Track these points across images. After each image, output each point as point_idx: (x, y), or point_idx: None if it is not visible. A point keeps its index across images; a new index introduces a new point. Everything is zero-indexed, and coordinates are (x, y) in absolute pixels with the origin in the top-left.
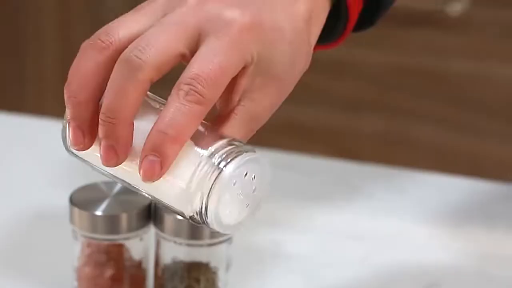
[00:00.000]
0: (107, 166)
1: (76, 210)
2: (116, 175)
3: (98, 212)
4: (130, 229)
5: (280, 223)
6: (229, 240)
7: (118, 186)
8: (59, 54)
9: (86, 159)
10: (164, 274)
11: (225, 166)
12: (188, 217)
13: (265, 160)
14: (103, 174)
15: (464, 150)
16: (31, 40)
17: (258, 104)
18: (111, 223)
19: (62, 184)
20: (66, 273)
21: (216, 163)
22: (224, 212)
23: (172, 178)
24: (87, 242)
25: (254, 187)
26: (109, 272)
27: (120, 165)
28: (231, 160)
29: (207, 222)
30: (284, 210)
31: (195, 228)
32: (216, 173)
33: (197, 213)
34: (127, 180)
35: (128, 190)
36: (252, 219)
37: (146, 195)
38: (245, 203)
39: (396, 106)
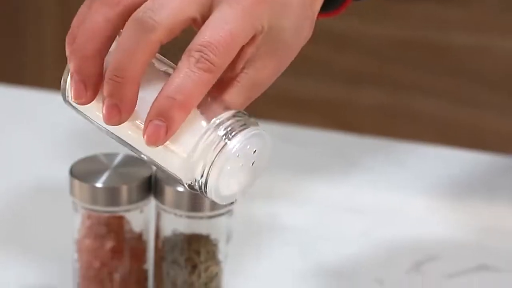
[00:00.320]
0: (109, 124)
1: (76, 182)
2: (115, 133)
3: (99, 184)
4: (131, 201)
5: (278, 196)
6: (229, 212)
7: (118, 158)
8: (59, 27)
9: (84, 112)
10: (164, 246)
11: (230, 139)
12: (186, 184)
13: (267, 135)
14: (100, 130)
15: (465, 123)
16: (31, 12)
17: (261, 72)
18: (111, 195)
19: (62, 156)
20: (66, 245)
21: (221, 135)
22: (223, 183)
23: (175, 145)
24: (88, 214)
25: (253, 160)
26: (109, 244)
27: (122, 126)
28: (236, 133)
29: (205, 192)
30: (283, 183)
31: (195, 200)
32: (221, 145)
33: (196, 181)
34: (128, 141)
35: (128, 162)
36: (251, 192)
37: (146, 158)
38: (243, 175)
39: (396, 79)
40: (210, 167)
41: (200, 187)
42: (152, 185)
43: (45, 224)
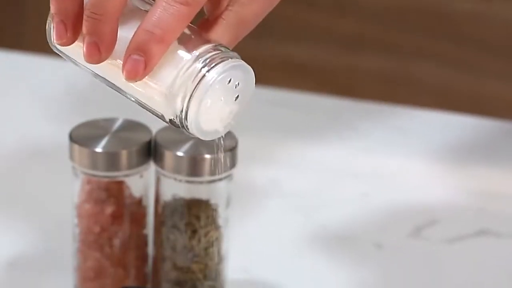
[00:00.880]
0: (89, 63)
1: (76, 147)
2: (99, 73)
3: (98, 149)
4: (130, 166)
5: (278, 161)
6: (229, 177)
7: (118, 123)
8: None
9: (69, 55)
10: (164, 211)
11: (208, 70)
12: (168, 120)
13: (249, 68)
14: (86, 71)
15: (465, 89)
16: None
17: (247, 9)
18: (111, 160)
19: (62, 121)
20: (66, 211)
21: (200, 67)
22: (204, 118)
23: (155, 80)
24: (87, 179)
25: (236, 95)
26: (109, 209)
27: (104, 64)
28: (215, 64)
29: (186, 126)
30: (283, 148)
31: (195, 165)
32: (199, 76)
33: (177, 116)
34: (110, 80)
35: (128, 127)
36: (251, 157)
37: (128, 97)
38: (225, 111)
39: (396, 44)
40: (189, 99)
41: (181, 122)
42: (152, 150)
43: (45, 190)
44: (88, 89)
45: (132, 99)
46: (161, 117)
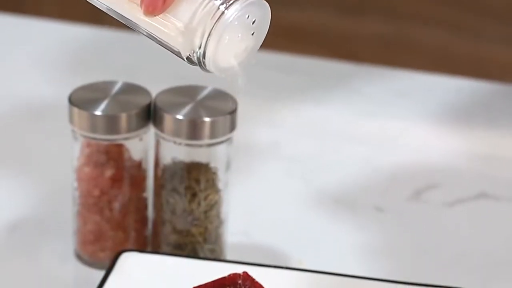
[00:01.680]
0: None
1: (75, 110)
2: (115, 9)
3: (98, 112)
4: (130, 129)
5: (280, 125)
6: (229, 140)
7: (118, 86)
8: None
9: None
10: (164, 175)
11: (227, 7)
12: (184, 57)
13: (266, 4)
14: (101, 7)
15: (465, 52)
16: None
17: None
18: (110, 123)
19: (61, 84)
20: (66, 174)
21: (218, 4)
22: (222, 54)
23: (173, 16)
24: (87, 142)
25: (253, 31)
26: (109, 172)
27: (121, 0)
28: (233, 1)
29: (203, 63)
30: (284, 112)
31: (195, 128)
32: (218, 13)
33: (194, 52)
34: (126, 15)
35: (127, 90)
36: (252, 120)
37: (144, 33)
38: (241, 47)
39: (397, 7)
40: (208, 36)
41: (198, 59)
42: (152, 113)
43: (45, 153)
44: (88, 52)
45: (147, 35)
46: (178, 54)
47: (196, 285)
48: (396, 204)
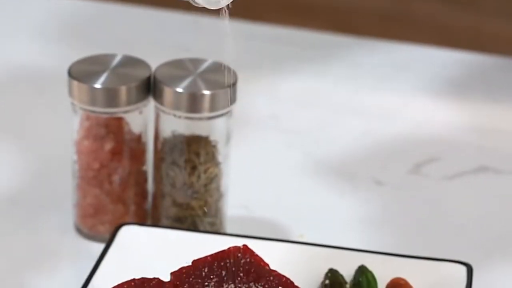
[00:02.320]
0: None
1: (75, 83)
2: None
3: (97, 85)
4: (130, 102)
5: (280, 97)
6: (228, 113)
7: (117, 59)
8: None
9: None
10: (164, 148)
11: None
12: None
13: None
14: None
15: (465, 25)
16: None
17: None
18: (110, 96)
19: (61, 57)
20: (65, 147)
21: None
22: None
23: None
24: (86, 116)
25: None
26: (108, 146)
27: None
28: None
29: None
30: (284, 85)
31: (195, 101)
32: None
33: None
34: None
35: (127, 63)
36: (253, 93)
37: None
38: None
39: None
40: None
41: None
42: (151, 86)
43: (44, 126)
44: (88, 25)
45: None
46: None
47: (196, 258)
48: (396, 177)
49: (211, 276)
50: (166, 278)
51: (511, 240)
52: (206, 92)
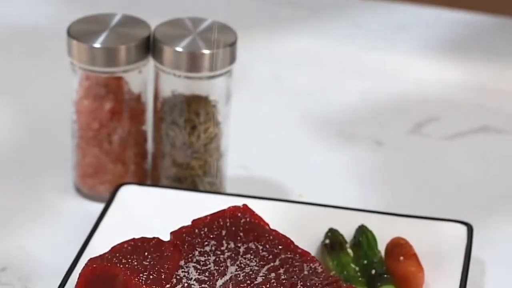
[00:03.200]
0: None
1: (74, 42)
2: None
3: (97, 44)
4: (129, 62)
5: (280, 58)
6: (228, 73)
7: (117, 18)
8: None
9: None
10: (164, 108)
11: None
12: None
13: None
14: None
15: None
16: None
17: None
18: (109, 55)
19: (60, 17)
20: (65, 107)
21: None
22: None
23: None
24: (86, 75)
25: None
26: (108, 105)
27: None
28: None
29: None
30: (284, 46)
31: (194, 60)
32: None
33: None
34: None
35: (126, 22)
36: (253, 54)
37: None
38: None
39: None
40: None
41: None
42: (151, 45)
43: (43, 86)
44: None
45: None
46: None
47: (195, 218)
48: (396, 137)
49: (211, 236)
50: (165, 237)
51: (511, 200)
52: (206, 52)
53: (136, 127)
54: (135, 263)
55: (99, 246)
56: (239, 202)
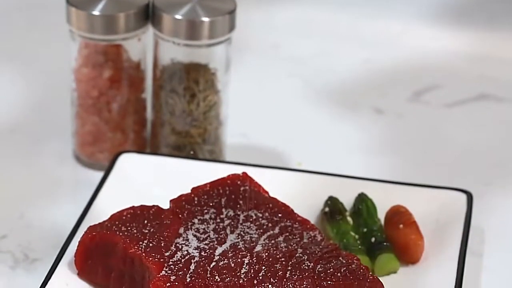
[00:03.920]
0: None
1: (73, 9)
2: None
3: (96, 12)
4: (128, 29)
5: (280, 26)
6: (228, 40)
7: None
8: None
9: None
10: (163, 76)
11: None
12: None
13: None
14: None
15: None
16: None
17: None
18: (108, 23)
19: None
20: (64, 75)
21: None
22: None
23: None
24: (85, 43)
25: None
26: (107, 73)
27: None
28: None
29: None
30: (284, 13)
31: (194, 28)
32: None
33: None
34: None
35: None
36: (253, 22)
37: None
38: None
39: None
40: None
41: None
42: (150, 13)
43: (42, 54)
44: None
45: None
46: None
47: (195, 186)
48: (396, 105)
49: (210, 204)
50: (165, 205)
51: (510, 168)
52: (205, 19)
53: (135, 95)
54: (135, 231)
55: (99, 214)
56: (238, 170)
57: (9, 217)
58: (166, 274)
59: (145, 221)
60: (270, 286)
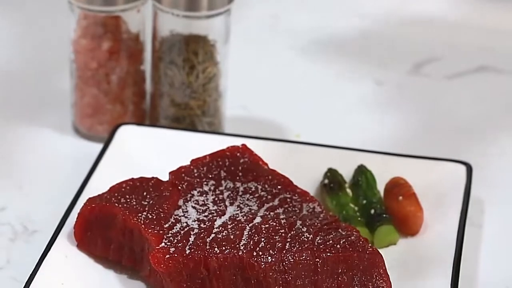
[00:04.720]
0: None
1: None
2: None
3: None
4: (127, 0)
5: None
6: (227, 12)
7: None
8: None
9: None
10: (162, 47)
11: None
12: None
13: None
14: None
15: None
16: None
17: None
18: None
19: None
20: (63, 47)
21: None
22: None
23: None
24: (84, 14)
25: None
26: (106, 45)
27: None
28: None
29: None
30: None
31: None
32: None
33: None
34: None
35: None
36: None
37: None
38: None
39: None
40: None
41: None
42: None
43: (41, 25)
44: None
45: None
46: None
47: (194, 158)
48: (396, 77)
49: (210, 176)
50: (164, 177)
51: (510, 140)
52: None
53: (134, 67)
54: (134, 203)
55: (98, 186)
56: (238, 142)
57: (8, 189)
58: (165, 245)
59: (144, 193)
60: (269, 257)
